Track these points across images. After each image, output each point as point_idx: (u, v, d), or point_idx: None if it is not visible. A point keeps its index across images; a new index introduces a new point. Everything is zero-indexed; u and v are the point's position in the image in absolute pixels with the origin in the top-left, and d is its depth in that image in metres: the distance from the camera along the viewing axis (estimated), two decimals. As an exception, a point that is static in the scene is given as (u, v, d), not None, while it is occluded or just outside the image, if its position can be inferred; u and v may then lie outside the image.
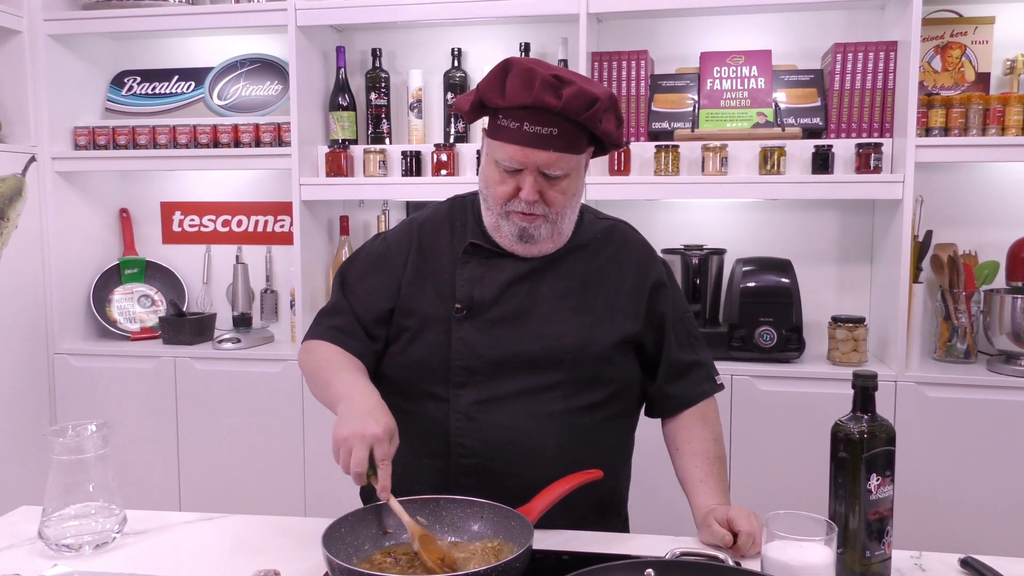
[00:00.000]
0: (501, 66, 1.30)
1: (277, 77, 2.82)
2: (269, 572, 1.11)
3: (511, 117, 1.29)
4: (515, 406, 1.35)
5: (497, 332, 1.36)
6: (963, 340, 2.41)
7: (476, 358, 1.36)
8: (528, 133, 1.28)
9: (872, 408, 1.14)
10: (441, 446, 1.36)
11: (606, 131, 1.32)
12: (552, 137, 1.28)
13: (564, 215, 1.37)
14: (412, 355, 1.40)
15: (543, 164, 1.30)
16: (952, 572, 1.18)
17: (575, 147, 1.32)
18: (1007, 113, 2.27)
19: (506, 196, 1.34)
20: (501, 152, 1.32)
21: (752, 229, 2.64)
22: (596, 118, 1.29)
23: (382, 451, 1.16)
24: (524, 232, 1.35)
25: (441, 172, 2.55)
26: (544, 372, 1.36)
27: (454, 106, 1.47)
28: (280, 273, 2.92)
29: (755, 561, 1.16)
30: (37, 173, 2.70)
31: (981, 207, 2.51)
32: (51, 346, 2.75)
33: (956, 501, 2.26)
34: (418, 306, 1.40)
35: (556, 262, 1.41)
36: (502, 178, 1.34)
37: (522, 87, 1.26)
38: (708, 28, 2.63)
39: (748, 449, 2.33)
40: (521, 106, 1.27)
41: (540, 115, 1.27)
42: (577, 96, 1.26)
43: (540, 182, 1.32)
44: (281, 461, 2.63)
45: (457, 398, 1.36)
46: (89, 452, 1.26)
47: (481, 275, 1.39)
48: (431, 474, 1.37)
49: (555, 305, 1.38)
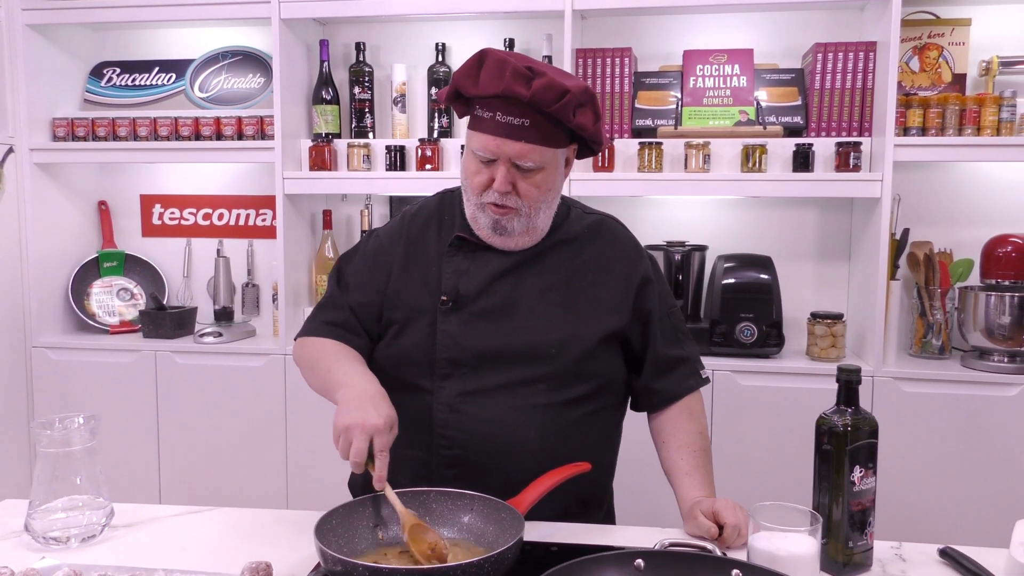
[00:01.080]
0: (477, 56, 1.32)
1: (259, 70, 2.81)
2: (260, 564, 1.11)
3: (486, 107, 1.31)
4: (498, 399, 1.36)
5: (482, 325, 1.37)
6: (938, 336, 2.46)
7: (460, 350, 1.37)
8: (501, 123, 1.29)
9: (856, 402, 1.16)
10: (424, 437, 1.37)
11: (580, 125, 1.31)
12: (524, 128, 1.29)
13: (538, 210, 1.37)
14: (398, 347, 1.41)
15: (515, 155, 1.30)
16: (931, 562, 1.21)
17: (549, 140, 1.31)
18: (983, 114, 2.31)
19: (481, 186, 1.35)
20: (476, 141, 1.33)
21: (733, 226, 2.67)
22: (567, 110, 1.28)
23: (381, 442, 1.17)
24: (497, 224, 1.36)
25: (426, 167, 2.55)
26: (528, 366, 1.37)
27: (437, 97, 1.48)
28: (262, 267, 2.91)
29: (741, 552, 1.18)
30: (15, 164, 2.67)
31: (957, 206, 2.55)
32: (29, 339, 2.72)
33: (932, 493, 2.30)
34: (405, 298, 1.42)
35: (542, 256, 1.42)
36: (478, 168, 1.35)
37: (494, 76, 1.28)
38: (691, 26, 2.65)
39: (729, 443, 2.36)
40: (493, 95, 1.28)
41: (512, 105, 1.28)
42: (547, 88, 1.26)
43: (513, 173, 1.32)
44: (263, 455, 2.62)
45: (441, 390, 1.37)
46: (76, 445, 1.25)
47: (467, 268, 1.40)
48: (414, 465, 1.37)
49: (540, 299, 1.39)
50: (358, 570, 1.01)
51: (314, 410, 2.54)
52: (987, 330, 2.33)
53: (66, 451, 1.25)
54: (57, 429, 1.26)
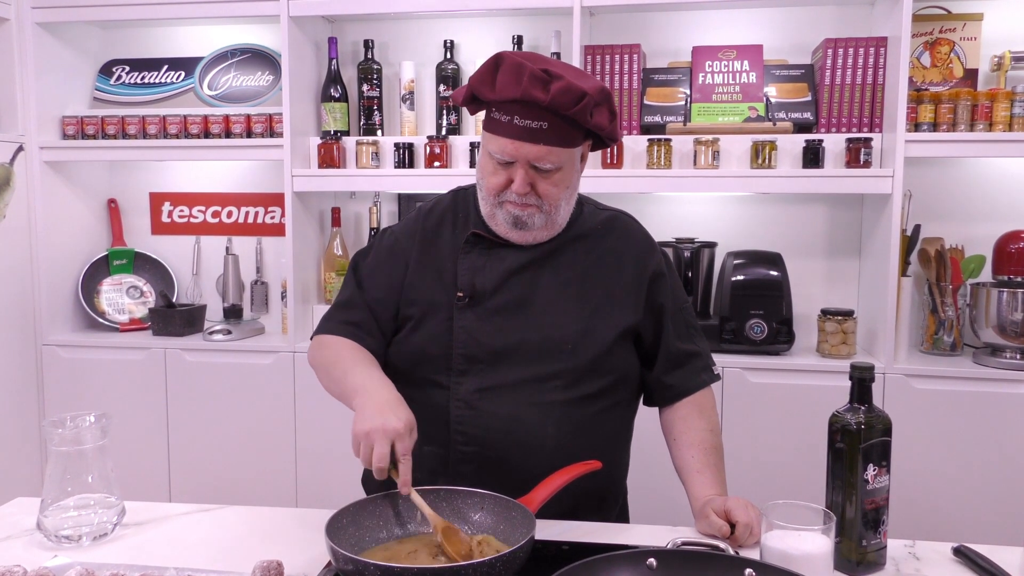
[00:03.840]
0: (492, 60, 1.31)
1: (268, 67, 2.81)
2: (271, 563, 1.10)
3: (503, 111, 1.31)
4: (515, 395, 1.36)
5: (498, 321, 1.38)
6: (950, 333, 2.44)
7: (477, 346, 1.37)
8: (519, 127, 1.30)
9: (869, 399, 1.15)
10: (441, 433, 1.37)
11: (598, 125, 1.32)
12: (542, 131, 1.30)
13: (558, 206, 1.38)
14: (415, 343, 1.41)
15: (533, 158, 1.31)
16: (945, 560, 1.20)
17: (567, 141, 1.32)
18: (994, 109, 2.30)
19: (499, 187, 1.35)
20: (493, 144, 1.33)
21: (743, 222, 2.66)
22: (586, 112, 1.29)
23: (403, 446, 1.17)
24: (518, 219, 1.37)
25: (434, 164, 2.55)
26: (544, 362, 1.37)
27: (452, 99, 1.48)
28: (271, 264, 2.91)
29: (753, 551, 1.17)
30: (25, 163, 2.68)
31: (968, 202, 2.54)
32: (39, 337, 2.73)
33: (945, 490, 2.29)
34: (421, 295, 1.42)
35: (557, 253, 1.42)
36: (495, 169, 1.35)
37: (511, 81, 1.28)
38: (700, 22, 2.64)
39: (739, 441, 2.35)
40: (511, 100, 1.29)
41: (530, 109, 1.28)
42: (565, 91, 1.26)
43: (531, 175, 1.33)
44: (272, 453, 2.62)
45: (458, 386, 1.37)
46: (88, 443, 1.26)
47: (483, 264, 1.41)
48: (431, 461, 1.38)
49: (555, 295, 1.40)
50: (369, 569, 1.01)
51: (323, 407, 2.55)
52: (999, 327, 2.32)
53: (78, 449, 1.25)
54: (68, 428, 1.26)
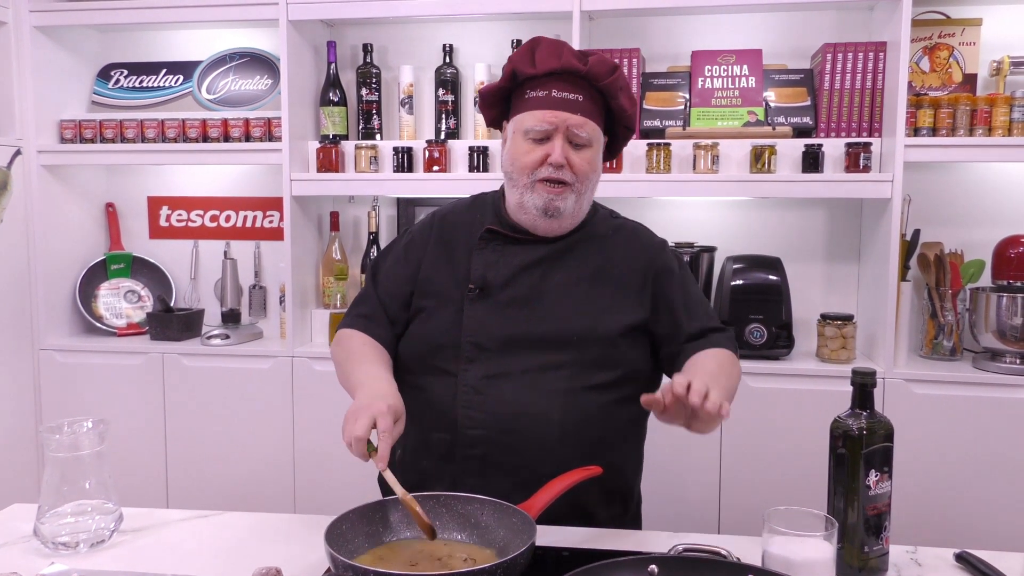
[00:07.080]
0: (529, 42, 1.44)
1: (267, 72, 2.80)
2: (270, 570, 1.10)
3: (540, 87, 1.40)
4: (522, 382, 1.39)
5: (508, 312, 1.42)
6: (949, 338, 2.44)
7: (486, 335, 1.41)
8: (556, 98, 1.39)
9: (871, 405, 1.15)
10: (449, 419, 1.40)
11: (621, 106, 1.43)
12: (579, 102, 1.40)
13: (587, 187, 1.44)
14: (426, 332, 1.46)
15: (573, 124, 1.39)
16: (947, 567, 1.19)
17: (597, 117, 1.42)
18: (994, 114, 2.30)
19: (535, 163, 1.41)
20: (531, 119, 1.40)
21: (742, 227, 2.66)
22: (616, 86, 1.41)
23: (384, 423, 1.20)
24: (548, 206, 1.41)
25: (433, 168, 2.55)
26: (551, 352, 1.40)
27: (479, 93, 1.56)
28: (269, 269, 2.90)
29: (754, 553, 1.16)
30: (22, 166, 2.67)
31: (968, 207, 2.54)
32: (36, 342, 2.72)
33: (946, 496, 2.28)
34: (435, 288, 1.48)
35: (568, 251, 1.47)
36: (530, 148, 1.41)
37: (552, 54, 1.40)
38: (699, 27, 2.64)
39: (738, 446, 2.35)
40: (551, 71, 1.39)
41: (566, 82, 1.39)
42: (601, 62, 1.40)
43: (567, 148, 1.40)
44: (270, 458, 2.61)
45: (465, 372, 1.41)
46: (85, 449, 1.25)
47: (496, 259, 1.46)
48: (439, 447, 1.41)
49: (565, 292, 1.44)
50: (369, 575, 1.00)
51: (321, 412, 2.54)
52: (999, 331, 2.31)
53: (75, 455, 1.24)
54: (66, 433, 1.25)
